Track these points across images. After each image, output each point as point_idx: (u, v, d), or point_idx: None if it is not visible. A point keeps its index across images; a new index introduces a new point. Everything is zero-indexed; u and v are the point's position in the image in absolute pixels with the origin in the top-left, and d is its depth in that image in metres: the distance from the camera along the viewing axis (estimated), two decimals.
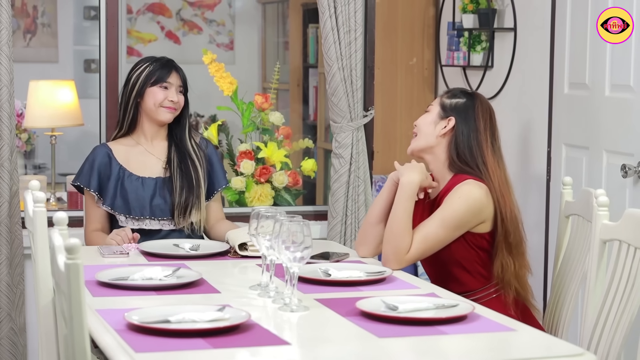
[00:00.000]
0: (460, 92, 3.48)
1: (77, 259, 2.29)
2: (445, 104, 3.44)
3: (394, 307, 2.73)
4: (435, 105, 3.46)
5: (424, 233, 3.28)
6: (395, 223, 3.29)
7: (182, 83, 3.98)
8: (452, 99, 3.45)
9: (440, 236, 3.28)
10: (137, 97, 3.92)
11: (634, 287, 2.91)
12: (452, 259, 3.35)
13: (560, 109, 4.41)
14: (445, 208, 3.29)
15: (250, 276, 3.28)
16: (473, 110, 3.42)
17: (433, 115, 3.44)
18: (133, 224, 3.87)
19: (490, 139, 3.42)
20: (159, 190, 3.90)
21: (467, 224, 3.30)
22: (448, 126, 3.40)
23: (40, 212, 3.13)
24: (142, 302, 2.85)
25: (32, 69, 6.68)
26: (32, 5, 7.14)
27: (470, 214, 3.29)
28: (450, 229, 3.28)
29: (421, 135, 3.45)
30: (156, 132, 3.98)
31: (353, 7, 4.58)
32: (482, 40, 4.91)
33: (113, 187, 3.88)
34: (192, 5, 7.40)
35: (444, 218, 3.28)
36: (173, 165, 3.92)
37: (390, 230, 3.29)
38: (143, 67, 3.96)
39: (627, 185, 3.92)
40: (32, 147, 5.86)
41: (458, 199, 3.28)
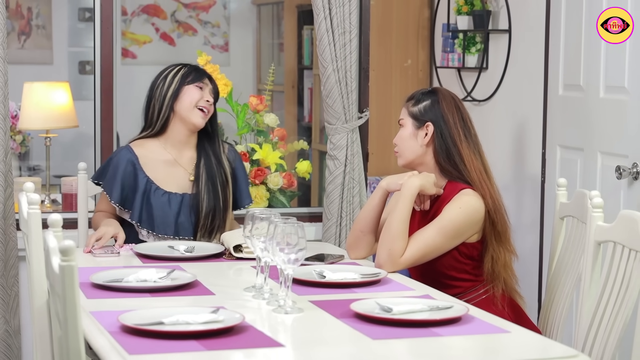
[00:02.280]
0: (421, 94, 3.46)
1: (71, 261, 2.29)
2: (414, 112, 3.43)
3: (388, 309, 2.73)
4: (406, 118, 3.44)
5: (420, 239, 3.28)
6: (392, 225, 3.29)
7: (213, 89, 3.90)
8: (418, 105, 3.43)
9: (437, 244, 3.28)
10: (173, 97, 3.84)
11: (629, 288, 2.91)
12: (441, 269, 3.35)
13: (554, 110, 4.42)
14: (444, 217, 3.29)
15: (245, 278, 3.28)
16: (439, 106, 3.40)
17: (409, 128, 3.43)
18: (154, 239, 3.83)
19: (462, 130, 3.40)
20: (185, 208, 3.83)
21: (464, 234, 3.31)
22: (429, 132, 3.39)
23: (34, 214, 3.13)
24: (136, 304, 2.84)
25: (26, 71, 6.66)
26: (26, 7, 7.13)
27: (468, 224, 3.30)
28: (448, 237, 3.29)
29: (405, 151, 3.43)
30: (187, 139, 3.87)
31: (348, 8, 4.58)
32: (477, 42, 4.91)
33: (139, 202, 3.80)
34: (187, 7, 7.39)
35: (443, 226, 3.28)
36: (201, 182, 3.84)
37: (387, 232, 3.29)
38: (176, 69, 3.88)
39: (621, 186, 3.92)
40: (26, 149, 5.85)
41: (458, 208, 3.29)
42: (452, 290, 3.31)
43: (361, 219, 3.48)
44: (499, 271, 3.34)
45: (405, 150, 3.44)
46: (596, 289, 3.09)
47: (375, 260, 3.35)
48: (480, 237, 3.35)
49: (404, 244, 3.27)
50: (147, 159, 3.85)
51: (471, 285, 3.36)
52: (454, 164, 3.38)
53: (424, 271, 3.38)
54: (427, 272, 3.38)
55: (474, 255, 3.35)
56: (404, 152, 3.44)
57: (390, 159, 5.30)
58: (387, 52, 5.29)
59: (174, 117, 3.85)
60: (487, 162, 3.44)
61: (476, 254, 3.35)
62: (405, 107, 3.46)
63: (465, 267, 3.35)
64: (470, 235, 3.33)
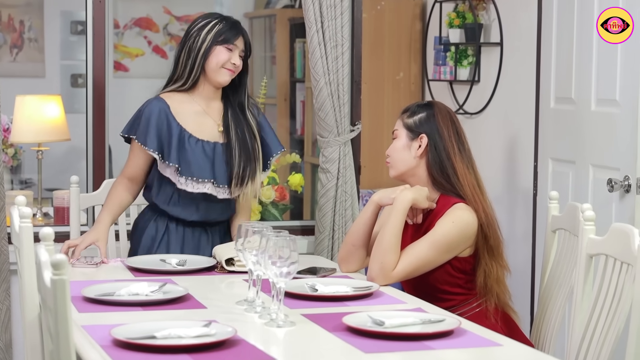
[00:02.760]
0: (417, 106, 3.46)
1: (63, 275, 2.28)
2: (409, 124, 3.42)
3: (381, 322, 2.72)
4: (400, 129, 3.44)
5: (413, 253, 3.28)
6: (384, 239, 3.28)
7: (245, 47, 3.90)
8: (413, 117, 3.42)
9: (429, 258, 3.28)
10: (203, 57, 3.83)
11: (621, 301, 2.91)
12: (434, 283, 3.35)
13: (546, 123, 4.43)
14: (437, 231, 3.29)
15: (237, 291, 3.28)
16: (434, 119, 3.40)
17: (403, 140, 3.42)
18: (193, 187, 3.80)
19: (456, 144, 3.40)
20: (218, 157, 3.84)
21: (457, 248, 3.31)
22: (422, 144, 3.39)
23: (26, 228, 3.12)
24: (128, 317, 2.84)
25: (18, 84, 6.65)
26: (18, 20, 7.13)
27: (461, 238, 3.30)
28: (440, 251, 3.28)
29: (397, 162, 3.43)
30: (213, 93, 3.90)
31: (340, 21, 4.59)
32: (469, 55, 4.92)
33: (176, 148, 3.80)
34: (179, 20, 7.40)
35: (436, 240, 3.28)
36: (231, 132, 3.86)
37: (379, 246, 3.29)
38: (212, 24, 3.86)
39: (613, 199, 3.93)
40: (18, 162, 5.84)
41: (451, 223, 3.28)
42: (445, 303, 3.31)
43: (353, 233, 3.48)
44: (491, 285, 3.34)
45: (397, 162, 3.43)
46: (588, 302, 3.09)
47: (368, 274, 3.34)
48: (472, 252, 3.35)
49: (396, 257, 3.27)
50: (178, 109, 3.86)
51: (464, 298, 3.36)
52: (447, 177, 3.38)
53: (416, 285, 3.38)
54: (420, 285, 3.37)
55: (466, 269, 3.35)
56: (397, 163, 3.44)
57: (382, 171, 5.29)
58: (379, 65, 5.30)
59: (203, 73, 3.87)
60: (480, 177, 3.44)
61: (469, 268, 3.35)
62: (400, 118, 3.46)
63: (458, 281, 3.35)
64: (462, 249, 3.33)
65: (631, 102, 3.84)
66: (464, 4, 4.91)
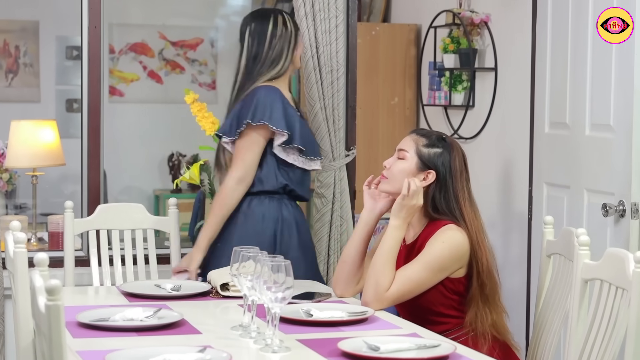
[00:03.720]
0: (437, 139, 3.40)
1: (57, 300, 2.28)
2: (423, 154, 3.37)
3: (376, 348, 2.72)
4: (411, 153, 3.38)
5: (405, 274, 3.27)
6: (378, 260, 3.28)
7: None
8: (430, 149, 3.37)
9: (422, 278, 3.27)
10: (293, 46, 4.13)
11: (616, 326, 2.91)
12: (429, 305, 3.34)
13: (541, 148, 4.43)
14: (428, 252, 3.28)
15: (232, 317, 3.27)
16: (450, 161, 3.36)
17: (410, 165, 3.37)
18: (310, 165, 4.09)
19: (466, 190, 3.38)
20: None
21: (449, 268, 3.30)
22: (428, 180, 3.35)
23: (20, 253, 3.11)
24: (123, 343, 2.83)
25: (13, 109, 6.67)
26: (14, 45, 7.15)
27: (452, 258, 3.29)
28: (433, 271, 3.28)
29: (394, 182, 3.38)
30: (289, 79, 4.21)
31: (335, 47, 4.60)
32: (463, 80, 4.93)
33: (299, 129, 4.01)
34: (175, 45, 7.42)
35: (427, 261, 3.27)
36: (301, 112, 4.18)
37: (374, 266, 3.29)
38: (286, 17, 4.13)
39: (608, 224, 3.93)
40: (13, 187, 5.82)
41: (442, 243, 3.28)
42: (440, 327, 3.30)
43: (347, 253, 3.49)
44: (484, 329, 3.30)
45: (397, 183, 3.36)
46: (583, 327, 3.09)
47: (362, 297, 3.34)
48: (465, 272, 3.34)
49: (390, 278, 3.26)
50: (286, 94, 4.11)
51: (458, 322, 3.35)
52: (453, 217, 3.35)
53: (411, 309, 3.37)
54: (414, 309, 3.37)
55: (460, 290, 3.34)
56: (396, 184, 3.37)
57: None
58: (374, 90, 5.31)
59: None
60: (483, 222, 3.41)
61: (462, 289, 3.34)
62: (415, 142, 3.39)
63: (452, 302, 3.34)
64: (455, 269, 3.32)
65: (625, 127, 3.85)
66: (459, 29, 4.93)
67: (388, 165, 3.43)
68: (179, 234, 4.23)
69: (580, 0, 4.15)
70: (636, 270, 2.81)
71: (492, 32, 4.77)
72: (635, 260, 2.83)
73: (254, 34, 4.12)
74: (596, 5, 4.02)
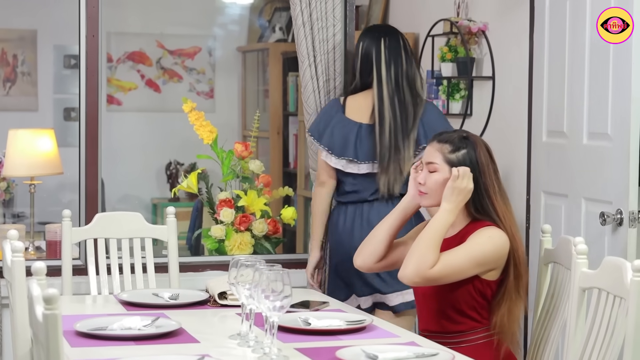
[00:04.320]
0: (459, 140, 3.39)
1: (55, 310, 2.27)
2: (452, 161, 3.34)
3: (374, 356, 2.72)
4: (440, 163, 3.35)
5: (449, 258, 3.23)
6: (426, 237, 3.24)
7: None
8: (456, 153, 3.35)
9: (463, 267, 3.24)
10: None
11: (614, 335, 2.91)
12: (453, 301, 3.32)
13: (538, 156, 4.44)
14: (472, 243, 3.26)
15: (230, 325, 3.27)
16: (476, 156, 3.36)
17: (444, 175, 3.34)
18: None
19: (495, 183, 3.38)
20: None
21: (487, 264, 3.28)
22: None
23: (18, 262, 3.11)
24: (121, 352, 2.83)
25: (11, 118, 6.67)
26: (12, 54, 7.15)
27: (493, 256, 3.27)
28: (473, 264, 3.25)
29: (434, 196, 3.36)
30: None
31: (332, 56, 4.61)
32: (461, 89, 4.94)
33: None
34: (172, 54, 7.42)
35: (470, 252, 3.24)
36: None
37: (420, 243, 3.25)
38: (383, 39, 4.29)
39: (605, 232, 3.93)
40: (10, 196, 5.83)
41: (488, 238, 3.27)
42: (456, 326, 3.30)
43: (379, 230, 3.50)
44: (511, 325, 3.31)
45: (438, 195, 3.35)
46: (581, 336, 3.09)
47: (401, 271, 3.26)
48: (497, 277, 3.32)
49: (435, 257, 3.22)
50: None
51: (475, 325, 3.33)
52: (487, 214, 3.35)
53: (434, 301, 3.34)
54: (437, 302, 3.33)
55: (486, 293, 3.31)
56: (437, 196, 3.36)
57: None
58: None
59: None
60: (514, 215, 3.42)
61: (489, 293, 3.32)
62: (440, 151, 3.37)
63: (475, 304, 3.32)
64: (490, 268, 3.29)
65: (623, 135, 3.85)
66: (456, 38, 4.93)
67: (422, 181, 3.39)
68: (176, 242, 4.23)
69: (577, 8, 4.15)
70: (634, 279, 2.81)
71: (489, 40, 4.77)
72: (633, 269, 2.83)
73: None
74: (593, 13, 4.02)
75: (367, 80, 4.26)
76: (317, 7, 4.55)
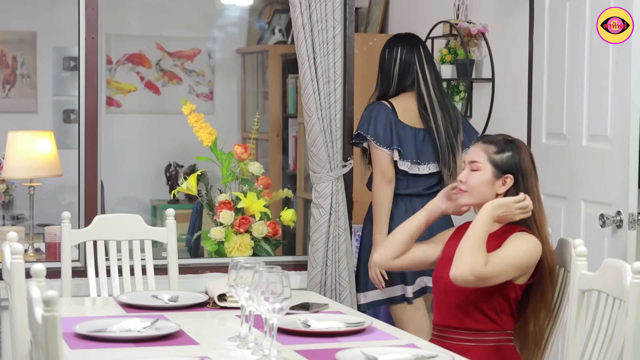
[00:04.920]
0: (504, 142, 3.41)
1: (54, 312, 2.27)
2: (496, 161, 3.36)
3: (374, 358, 2.72)
4: (484, 163, 3.37)
5: (494, 260, 3.23)
6: (471, 238, 3.24)
7: None
8: (501, 154, 3.37)
9: (505, 269, 3.25)
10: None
11: (613, 337, 2.91)
12: (476, 298, 3.31)
13: (538, 158, 4.42)
14: (512, 247, 3.27)
15: (229, 327, 3.27)
16: (520, 161, 3.37)
17: (487, 175, 3.36)
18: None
19: (536, 189, 3.39)
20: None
21: (523, 269, 3.29)
22: (507, 185, 3.36)
23: (17, 264, 3.11)
24: (121, 354, 2.83)
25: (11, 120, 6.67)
26: (11, 56, 7.15)
27: (530, 261, 3.28)
28: (513, 267, 3.26)
29: (476, 195, 3.38)
30: None
31: (332, 58, 4.60)
32: (461, 91, 4.94)
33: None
34: (172, 56, 7.42)
35: (512, 255, 3.25)
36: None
37: (466, 244, 3.24)
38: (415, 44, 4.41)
39: (605, 234, 3.93)
40: (10, 198, 5.83)
41: (526, 243, 3.28)
42: (473, 324, 3.30)
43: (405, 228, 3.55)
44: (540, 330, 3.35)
45: (478, 194, 3.38)
46: (581, 338, 3.08)
47: (454, 269, 3.25)
48: (525, 281, 3.33)
49: (486, 257, 3.22)
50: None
51: (492, 327, 3.32)
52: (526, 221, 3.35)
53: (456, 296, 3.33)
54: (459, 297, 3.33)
55: (510, 297, 3.32)
56: (477, 195, 3.38)
57: None
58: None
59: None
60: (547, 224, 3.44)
61: (513, 297, 3.32)
62: (484, 151, 3.39)
63: (496, 304, 3.31)
64: (523, 272, 3.30)
65: (622, 137, 3.85)
66: (456, 40, 4.93)
67: (464, 179, 3.41)
68: (176, 244, 4.22)
69: (577, 11, 4.16)
70: (634, 281, 2.81)
71: (489, 43, 4.77)
72: (632, 271, 2.83)
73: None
74: (593, 16, 4.02)
75: (405, 85, 4.39)
76: (316, 9, 4.55)
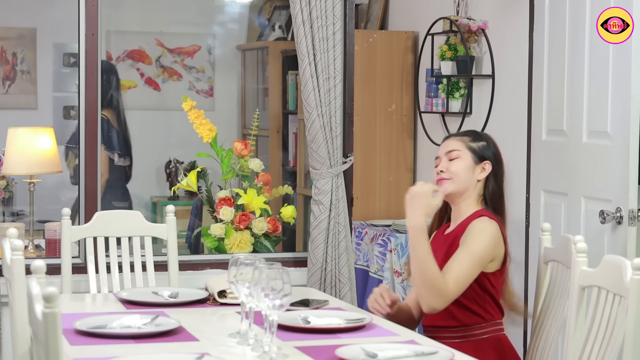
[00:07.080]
0: (476, 134, 3.54)
1: (54, 308, 2.27)
2: (474, 149, 3.47)
3: (374, 355, 2.72)
4: (463, 151, 3.46)
5: (457, 270, 3.25)
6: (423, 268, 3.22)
7: None
8: (478, 143, 3.49)
9: (471, 272, 3.28)
10: None
11: (613, 333, 2.91)
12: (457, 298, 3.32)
13: (538, 155, 4.44)
14: (471, 244, 3.29)
15: (229, 324, 3.27)
16: (494, 149, 3.51)
17: (468, 161, 3.46)
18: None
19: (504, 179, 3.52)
20: None
21: (487, 257, 3.32)
22: (486, 170, 3.46)
23: (18, 260, 3.11)
24: (121, 350, 2.83)
25: (11, 116, 6.67)
26: (11, 52, 7.15)
27: (491, 247, 3.32)
28: (478, 265, 3.29)
29: (459, 181, 3.44)
30: None
31: (332, 54, 4.60)
32: (461, 87, 4.94)
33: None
34: (172, 52, 7.42)
35: (472, 254, 3.28)
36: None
37: (422, 276, 3.23)
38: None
39: (605, 231, 3.93)
40: (10, 194, 5.83)
41: (480, 233, 3.31)
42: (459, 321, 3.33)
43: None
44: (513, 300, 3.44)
45: (461, 180, 3.44)
46: (581, 334, 3.08)
47: (425, 306, 3.26)
48: (495, 269, 3.34)
49: (442, 277, 3.23)
50: None
51: (478, 320, 3.35)
52: (500, 207, 3.45)
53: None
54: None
55: (486, 285, 3.35)
56: (460, 181, 3.44)
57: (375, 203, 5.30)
58: (372, 97, 5.31)
59: None
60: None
61: (488, 286, 3.35)
62: (461, 140, 3.49)
63: (476, 296, 3.35)
64: (489, 260, 3.33)
65: (622, 134, 3.85)
66: (456, 36, 4.93)
67: (444, 168, 3.46)
68: (176, 241, 4.22)
69: (577, 7, 4.15)
70: (634, 278, 2.81)
71: (489, 39, 4.77)
72: (632, 267, 2.83)
73: None
74: (593, 12, 4.02)
75: None
76: (316, 6, 4.54)
